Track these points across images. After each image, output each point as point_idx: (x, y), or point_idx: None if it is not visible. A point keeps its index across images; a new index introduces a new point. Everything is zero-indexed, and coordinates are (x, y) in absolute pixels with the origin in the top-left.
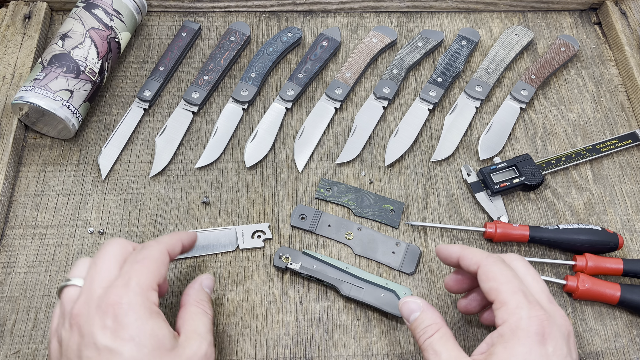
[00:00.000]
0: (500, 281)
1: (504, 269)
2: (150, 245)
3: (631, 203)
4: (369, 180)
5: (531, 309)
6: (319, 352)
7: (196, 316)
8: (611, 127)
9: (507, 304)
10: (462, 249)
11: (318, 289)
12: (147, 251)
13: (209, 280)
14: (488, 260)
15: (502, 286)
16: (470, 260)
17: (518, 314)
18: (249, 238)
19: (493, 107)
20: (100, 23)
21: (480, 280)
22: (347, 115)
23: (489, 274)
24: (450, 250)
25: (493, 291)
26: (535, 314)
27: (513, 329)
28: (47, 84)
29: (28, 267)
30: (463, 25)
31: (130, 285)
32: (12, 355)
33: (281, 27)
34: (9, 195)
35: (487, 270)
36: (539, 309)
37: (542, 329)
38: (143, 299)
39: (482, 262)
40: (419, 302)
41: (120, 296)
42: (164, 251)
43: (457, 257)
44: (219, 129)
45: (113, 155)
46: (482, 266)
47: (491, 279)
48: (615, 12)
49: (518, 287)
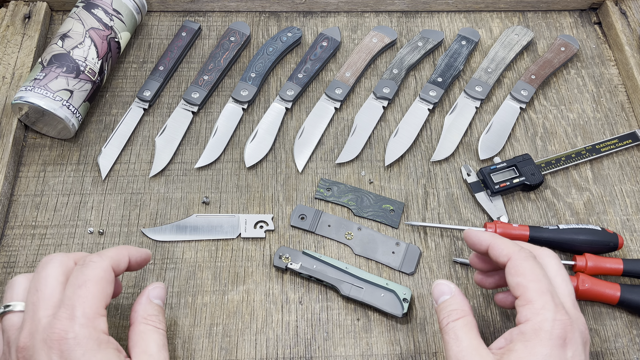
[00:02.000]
0: (529, 278)
1: (534, 266)
2: (92, 263)
3: (631, 203)
4: (369, 180)
5: (557, 312)
6: (319, 352)
7: (145, 335)
8: (611, 127)
9: (533, 303)
10: (493, 238)
11: (318, 289)
12: (90, 271)
13: (158, 290)
14: (519, 255)
15: (530, 284)
16: (501, 252)
17: (543, 315)
18: (251, 227)
19: (493, 107)
20: (100, 23)
21: (509, 274)
22: (347, 115)
23: (518, 269)
24: (480, 238)
25: (520, 287)
26: (560, 317)
27: (536, 329)
28: (46, 84)
29: (28, 267)
30: (463, 25)
31: (76, 317)
32: None
33: (281, 27)
34: (9, 195)
35: (517, 265)
36: (564, 313)
37: (565, 334)
38: (90, 331)
39: (513, 255)
40: (452, 287)
41: (65, 330)
42: (108, 268)
43: (487, 246)
44: (219, 129)
45: (113, 155)
46: (512, 259)
47: (520, 274)
48: (615, 12)
49: (547, 287)
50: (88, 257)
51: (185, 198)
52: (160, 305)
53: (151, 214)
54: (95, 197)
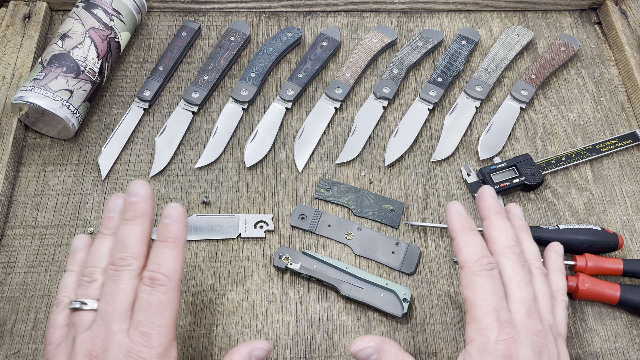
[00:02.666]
0: (476, 295)
1: (485, 281)
2: (162, 287)
3: (631, 203)
4: (369, 180)
5: (500, 331)
6: (319, 352)
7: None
8: (611, 127)
9: (478, 323)
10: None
11: (318, 289)
12: (162, 295)
13: (262, 351)
14: (474, 267)
15: (477, 301)
16: (459, 256)
17: (486, 336)
18: (251, 227)
19: (493, 107)
20: (100, 23)
21: (461, 284)
22: (347, 115)
23: (469, 283)
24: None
25: (468, 303)
26: (503, 336)
27: (481, 352)
28: (46, 84)
29: (28, 267)
30: (463, 25)
31: (153, 346)
32: (12, 356)
33: (281, 27)
34: (9, 195)
35: (468, 278)
36: (510, 329)
37: (509, 352)
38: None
39: (467, 265)
40: (373, 344)
41: (142, 358)
42: (179, 285)
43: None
44: (219, 129)
45: (113, 155)
46: (465, 270)
47: (469, 289)
48: (616, 12)
49: (492, 305)
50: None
51: (185, 198)
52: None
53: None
54: (95, 197)
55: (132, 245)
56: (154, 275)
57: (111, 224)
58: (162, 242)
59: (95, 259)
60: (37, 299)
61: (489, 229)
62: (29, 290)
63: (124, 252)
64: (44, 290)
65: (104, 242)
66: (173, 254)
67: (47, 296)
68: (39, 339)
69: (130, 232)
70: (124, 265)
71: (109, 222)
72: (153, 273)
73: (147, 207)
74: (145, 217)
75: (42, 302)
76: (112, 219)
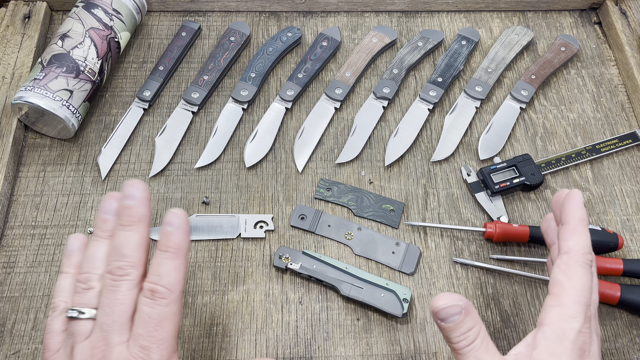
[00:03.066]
0: (573, 284)
1: (585, 275)
2: (163, 300)
3: (631, 203)
4: (369, 180)
5: (584, 324)
6: (319, 352)
7: None
8: (611, 127)
9: (565, 308)
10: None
11: (318, 289)
12: (163, 308)
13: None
14: (580, 258)
15: (571, 289)
16: (568, 241)
17: (571, 324)
18: (251, 227)
19: (493, 107)
20: (100, 23)
21: (557, 266)
22: (347, 115)
23: (569, 269)
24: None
25: (559, 286)
26: (585, 330)
27: (560, 337)
28: (46, 84)
29: (28, 267)
30: (463, 25)
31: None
32: (12, 356)
33: (281, 27)
34: (9, 195)
35: (570, 265)
36: (589, 326)
37: (586, 346)
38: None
39: (573, 254)
40: (461, 304)
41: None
42: (181, 298)
43: (562, 222)
44: (219, 129)
45: (113, 155)
46: (569, 258)
47: (567, 275)
48: (616, 12)
49: (585, 299)
50: (157, 291)
51: (185, 198)
52: None
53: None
54: (95, 197)
55: (129, 254)
56: (154, 288)
57: (106, 226)
58: (163, 252)
59: (90, 265)
60: (37, 299)
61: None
62: (28, 290)
63: (121, 260)
64: (44, 290)
65: (99, 246)
66: (174, 265)
67: (47, 296)
68: (39, 339)
69: (127, 240)
70: (122, 275)
71: (104, 224)
72: (154, 285)
73: (144, 211)
74: (142, 222)
75: (42, 302)
76: (106, 221)
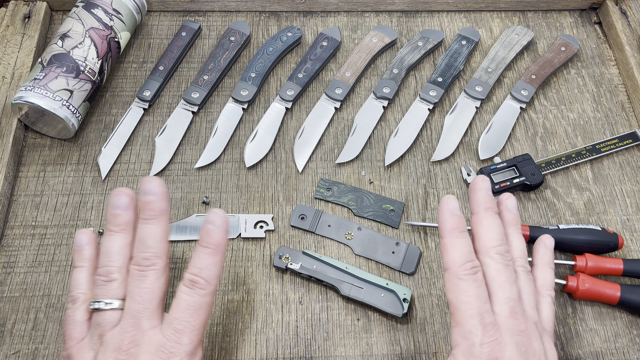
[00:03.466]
0: (460, 299)
1: (469, 285)
2: (202, 290)
3: (631, 203)
4: (369, 180)
5: (484, 335)
6: (319, 352)
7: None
8: (611, 127)
9: (462, 326)
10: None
11: (318, 289)
12: (201, 298)
13: None
14: (458, 271)
15: (461, 305)
16: (444, 257)
17: (471, 340)
18: (251, 227)
19: (493, 107)
20: (100, 23)
21: (445, 287)
22: (347, 115)
23: (452, 286)
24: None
25: (452, 306)
26: (488, 339)
27: (466, 355)
28: (46, 84)
29: (28, 267)
30: (463, 24)
31: (183, 344)
32: (12, 355)
33: (281, 27)
34: (9, 195)
35: (452, 281)
36: (494, 331)
37: (494, 354)
38: (191, 358)
39: (452, 269)
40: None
41: (172, 353)
42: (215, 292)
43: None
44: (219, 128)
45: (113, 155)
46: (449, 274)
47: (453, 292)
48: (616, 12)
49: (476, 309)
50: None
51: (185, 198)
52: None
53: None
54: (95, 197)
55: (154, 245)
56: (194, 279)
57: (118, 221)
58: (204, 247)
59: (108, 258)
60: (37, 299)
61: (476, 226)
62: (29, 290)
63: (147, 251)
64: (44, 290)
65: (114, 239)
66: (214, 261)
67: (47, 296)
68: (39, 339)
69: (151, 232)
70: (148, 265)
71: (116, 219)
72: (194, 276)
73: (164, 205)
74: (163, 215)
75: (42, 302)
76: (118, 216)
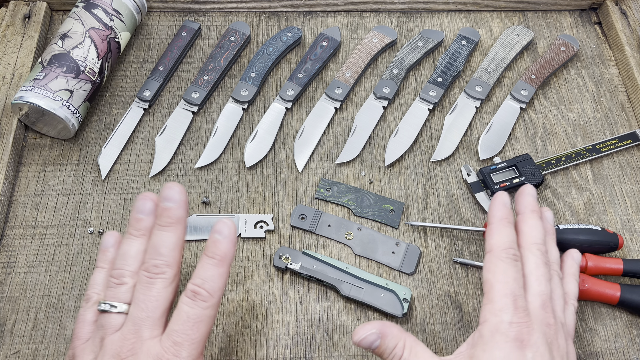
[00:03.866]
0: (497, 279)
1: (508, 267)
2: (204, 302)
3: (631, 203)
4: (369, 180)
5: (515, 315)
6: (319, 352)
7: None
8: (611, 127)
9: (494, 304)
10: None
11: (318, 289)
12: (203, 311)
13: None
14: (500, 254)
15: (496, 284)
16: (488, 241)
17: (500, 317)
18: (251, 227)
19: (493, 107)
20: (100, 23)
21: (484, 267)
22: (347, 115)
23: (491, 266)
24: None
25: (487, 284)
26: (517, 320)
27: (493, 332)
28: (46, 84)
29: (28, 267)
30: (463, 25)
31: (181, 357)
32: (12, 355)
33: (281, 27)
34: (9, 195)
35: (492, 262)
36: (524, 315)
37: (521, 336)
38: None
39: (494, 251)
40: (375, 330)
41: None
42: (219, 304)
43: (489, 223)
44: (219, 129)
45: (113, 155)
46: (491, 255)
47: (491, 272)
48: (616, 12)
49: (511, 290)
50: (199, 293)
51: None
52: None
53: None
54: (95, 197)
55: (166, 253)
56: (197, 290)
57: (140, 225)
58: (210, 257)
59: (123, 262)
60: (37, 299)
61: (521, 223)
62: (29, 290)
63: (158, 259)
64: (44, 290)
65: (132, 243)
66: (219, 272)
67: (47, 296)
68: (39, 339)
69: (164, 240)
70: (157, 273)
71: (137, 224)
72: (197, 287)
73: (182, 214)
74: (180, 224)
75: (42, 302)
76: (140, 221)
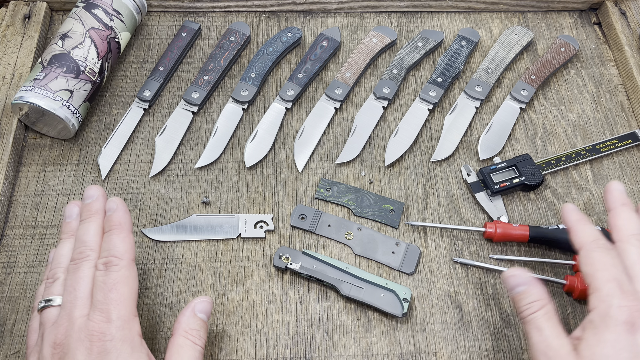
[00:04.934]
0: (596, 267)
1: (603, 255)
2: (115, 266)
3: None
4: (369, 180)
5: (623, 298)
6: (319, 352)
7: (182, 349)
8: (611, 127)
9: (600, 291)
10: (575, 222)
11: (318, 289)
12: (115, 273)
13: (204, 304)
14: (590, 245)
15: (597, 273)
16: (576, 239)
17: (608, 302)
18: (251, 227)
19: (493, 107)
20: (100, 23)
21: (580, 263)
22: (347, 115)
23: (587, 259)
24: (565, 215)
25: (588, 276)
26: (626, 303)
27: (602, 316)
28: (47, 84)
29: (28, 267)
30: (463, 25)
31: (112, 320)
32: (12, 356)
33: (281, 27)
34: (9, 195)
35: (586, 255)
36: (633, 299)
37: (632, 319)
38: (126, 333)
39: (584, 245)
40: (527, 277)
41: (103, 333)
42: (133, 264)
43: (569, 228)
44: (219, 129)
45: (113, 155)
46: (583, 249)
47: (589, 264)
48: (615, 12)
49: (614, 275)
50: (108, 262)
51: (185, 198)
52: (203, 320)
53: (151, 214)
54: None
55: (89, 240)
56: (105, 260)
57: (68, 228)
58: (108, 231)
59: (56, 262)
60: None
61: (614, 218)
62: (29, 290)
63: (81, 246)
64: None
65: (63, 245)
66: (120, 238)
67: None
68: None
69: (86, 229)
70: (82, 257)
71: (67, 227)
72: (105, 258)
73: (100, 205)
74: (99, 214)
75: None
76: (69, 224)
